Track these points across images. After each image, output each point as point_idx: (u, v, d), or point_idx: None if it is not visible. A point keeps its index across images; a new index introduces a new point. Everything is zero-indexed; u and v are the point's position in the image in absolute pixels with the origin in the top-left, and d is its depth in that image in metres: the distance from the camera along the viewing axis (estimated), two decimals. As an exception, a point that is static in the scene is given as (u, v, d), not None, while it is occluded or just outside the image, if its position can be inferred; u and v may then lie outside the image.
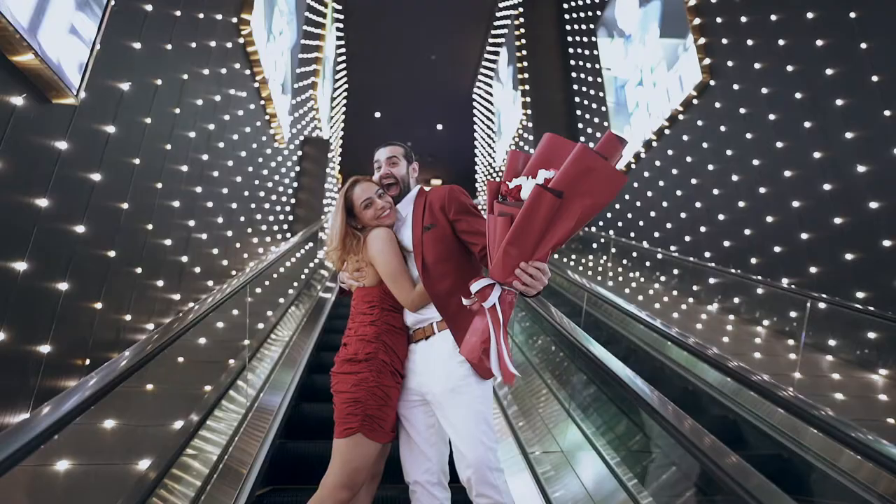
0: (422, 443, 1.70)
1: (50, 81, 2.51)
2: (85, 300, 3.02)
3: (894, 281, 3.92)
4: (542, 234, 1.27)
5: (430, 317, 1.73)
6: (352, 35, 14.55)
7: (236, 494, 2.12)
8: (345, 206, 1.84)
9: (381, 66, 15.79)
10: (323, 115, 11.80)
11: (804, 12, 4.86)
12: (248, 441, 2.55)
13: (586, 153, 1.20)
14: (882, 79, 4.06)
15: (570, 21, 11.28)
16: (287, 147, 8.36)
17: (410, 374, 1.76)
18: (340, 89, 15.54)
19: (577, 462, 2.50)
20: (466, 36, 15.37)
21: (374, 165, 1.95)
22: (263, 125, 6.92)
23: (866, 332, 4.08)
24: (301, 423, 3.10)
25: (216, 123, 5.06)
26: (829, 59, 4.56)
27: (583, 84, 10.53)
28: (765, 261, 5.28)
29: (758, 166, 5.44)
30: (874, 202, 4.10)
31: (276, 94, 7.12)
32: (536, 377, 3.59)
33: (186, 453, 2.15)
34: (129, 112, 3.38)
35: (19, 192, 2.45)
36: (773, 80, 5.26)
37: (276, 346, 4.02)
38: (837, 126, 4.45)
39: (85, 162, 2.95)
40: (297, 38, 8.78)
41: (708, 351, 2.72)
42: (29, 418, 1.30)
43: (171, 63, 4.01)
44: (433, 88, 17.15)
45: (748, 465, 1.35)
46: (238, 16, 5.60)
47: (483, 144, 17.38)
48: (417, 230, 1.77)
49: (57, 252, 2.75)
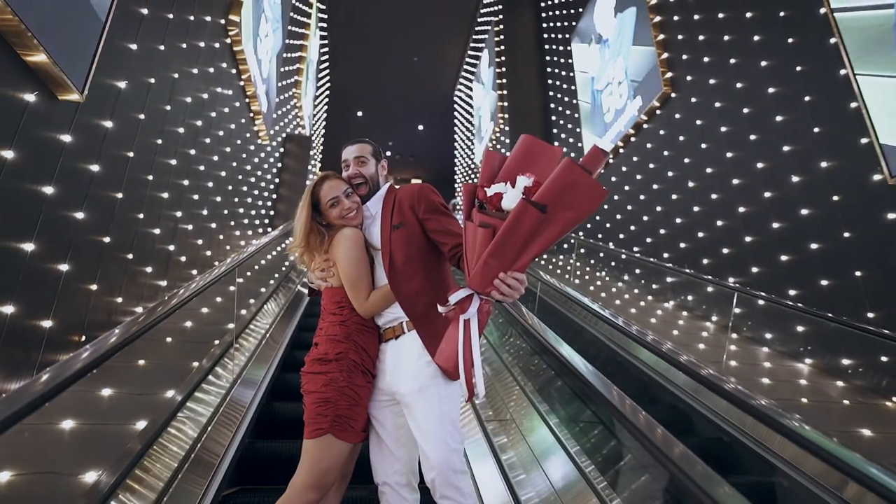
0: (391, 443, 1.69)
1: (58, 79, 2.76)
2: (82, 282, 3.26)
3: (821, 280, 4.39)
4: (524, 246, 1.26)
5: (400, 316, 1.71)
6: (336, 35, 14.76)
7: (202, 494, 2.09)
8: (311, 202, 1.81)
9: (364, 67, 16.04)
10: (305, 114, 12.01)
11: (752, 35, 5.32)
12: (216, 440, 2.49)
13: (572, 168, 1.19)
14: (812, 99, 4.53)
15: (548, 29, 11.72)
16: (270, 144, 8.58)
17: (380, 374, 1.74)
18: (323, 88, 15.72)
19: (522, 424, 2.86)
20: (449, 39, 15.72)
21: (342, 164, 1.92)
22: (248, 122, 7.15)
23: (796, 325, 4.54)
24: (272, 422, 3.11)
25: (203, 120, 5.29)
26: (771, 79, 5.03)
27: (558, 90, 10.97)
28: (714, 261, 5.74)
29: (710, 174, 5.91)
30: (804, 209, 4.57)
31: (260, 92, 7.35)
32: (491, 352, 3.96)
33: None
34: (125, 108, 3.63)
35: (29, 180, 2.70)
36: (725, 96, 5.73)
37: (252, 339, 4.03)
38: (776, 140, 4.92)
39: (86, 154, 3.19)
40: (281, 43, 9.00)
41: (632, 327, 3.11)
42: (31, 381, 1.59)
43: (164, 62, 4.26)
44: (415, 89, 17.46)
45: (658, 424, 1.71)
46: (226, 17, 5.84)
47: (463, 145, 17.75)
48: (386, 229, 1.75)
49: (59, 236, 2.99)
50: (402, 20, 14.16)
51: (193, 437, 2.38)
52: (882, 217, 3.85)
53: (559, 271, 8.17)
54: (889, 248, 3.79)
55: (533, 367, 3.53)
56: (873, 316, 3.89)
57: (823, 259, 4.38)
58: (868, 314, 3.92)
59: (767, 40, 5.12)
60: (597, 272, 7.77)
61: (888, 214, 3.81)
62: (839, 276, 4.21)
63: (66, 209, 3.04)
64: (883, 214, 3.84)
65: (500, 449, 2.81)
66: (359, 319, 1.76)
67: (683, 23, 6.58)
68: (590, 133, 9.16)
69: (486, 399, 3.32)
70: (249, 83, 6.78)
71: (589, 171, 1.21)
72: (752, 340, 4.93)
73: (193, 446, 2.31)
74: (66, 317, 3.09)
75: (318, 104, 14.99)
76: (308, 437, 1.63)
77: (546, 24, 11.84)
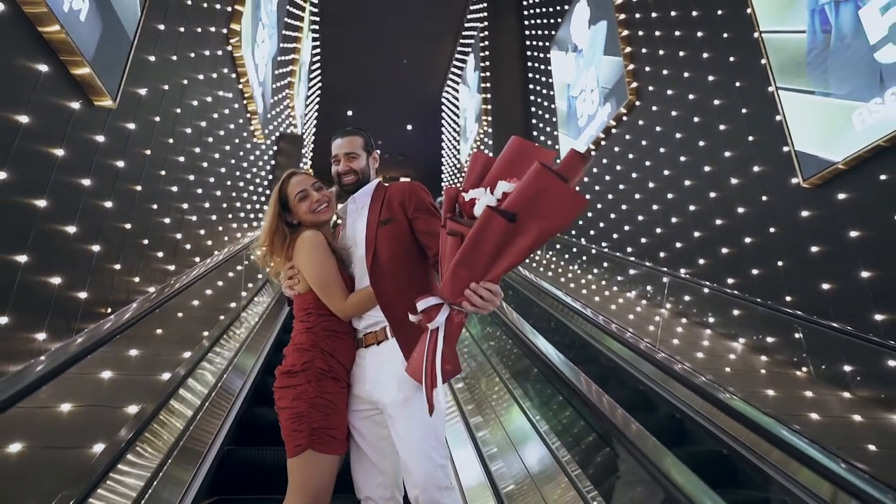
0: (374, 455, 1.62)
1: (97, 89, 3.29)
2: (109, 262, 3.79)
3: (753, 269, 5.03)
4: (494, 256, 1.19)
5: (381, 320, 1.63)
6: (327, 37, 15.26)
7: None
8: (278, 200, 1.75)
9: (355, 68, 16.55)
10: (298, 113, 12.50)
11: (702, 52, 5.96)
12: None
13: (542, 173, 1.12)
14: (748, 111, 5.17)
15: (530, 37, 12.33)
16: (264, 142, 9.09)
17: (359, 382, 1.65)
18: (314, 88, 16.20)
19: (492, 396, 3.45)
20: (437, 42, 16.28)
21: (332, 159, 1.86)
22: (245, 122, 7.66)
23: (733, 310, 5.17)
24: (253, 429, 3.09)
25: (207, 121, 5.81)
26: (717, 92, 5.67)
27: (538, 95, 11.59)
28: (669, 255, 6.38)
29: (667, 176, 6.54)
30: (741, 208, 5.21)
31: (256, 94, 7.86)
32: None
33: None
34: (144, 112, 4.16)
35: (73, 175, 3.22)
36: (679, 105, 6.37)
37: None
38: (720, 146, 5.56)
39: (114, 152, 3.72)
40: (276, 47, 9.51)
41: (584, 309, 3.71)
42: (69, 342, 2.13)
43: (175, 70, 4.78)
44: (404, 90, 18.00)
45: (607, 396, 2.30)
46: (228, 26, 6.36)
47: (450, 145, 18.33)
48: (373, 224, 1.67)
49: (93, 222, 3.52)
50: (391, 23, 14.71)
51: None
52: (797, 215, 4.49)
53: (534, 264, 8.78)
54: (803, 241, 4.43)
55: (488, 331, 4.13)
56: (790, 300, 4.53)
57: (755, 251, 5.02)
58: (786, 297, 4.57)
59: (714, 57, 5.76)
60: (570, 266, 8.39)
61: (802, 213, 4.46)
62: (766, 266, 4.85)
63: (99, 199, 3.56)
64: (798, 213, 4.49)
65: (475, 428, 3.39)
66: (326, 325, 1.68)
67: (647, 38, 7.21)
68: (566, 136, 9.78)
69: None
70: (247, 86, 7.30)
71: (564, 177, 1.13)
72: (700, 324, 5.56)
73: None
74: (97, 291, 3.61)
75: (309, 104, 15.48)
76: (290, 455, 1.57)
77: (528, 31, 12.45)
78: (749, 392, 3.78)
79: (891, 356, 3.58)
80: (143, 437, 2.27)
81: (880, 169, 3.85)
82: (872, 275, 3.84)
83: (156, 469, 2.25)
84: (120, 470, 2.14)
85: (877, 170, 3.87)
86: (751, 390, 3.89)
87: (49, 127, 2.94)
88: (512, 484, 2.62)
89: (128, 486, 2.06)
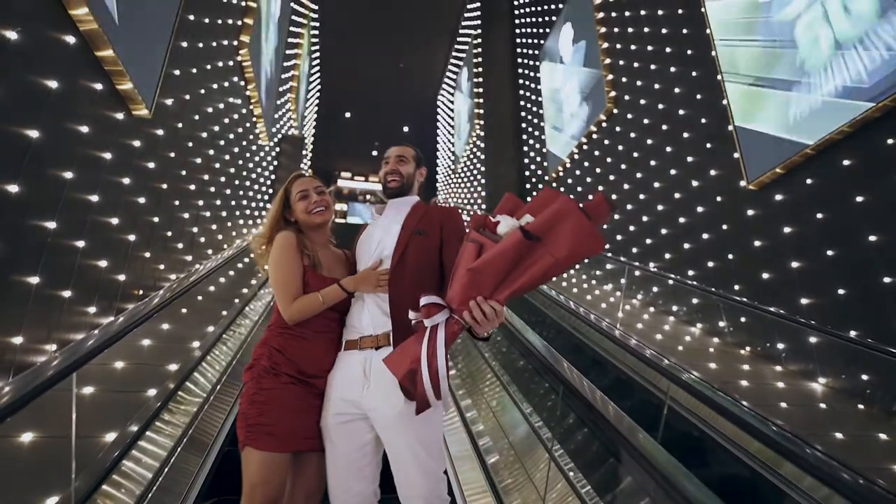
0: (355, 462, 1.55)
1: (136, 100, 3.87)
2: (140, 251, 4.36)
3: (708, 262, 5.64)
4: (506, 273, 1.21)
5: (386, 326, 1.60)
6: (327, 42, 15.83)
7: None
8: (283, 197, 1.80)
9: (353, 71, 17.14)
10: (298, 115, 13.08)
11: (670, 66, 6.58)
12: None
13: (568, 201, 1.17)
14: (706, 122, 5.79)
15: (521, 45, 12.95)
16: (268, 144, 9.66)
17: (347, 385, 1.59)
18: (314, 91, 16.76)
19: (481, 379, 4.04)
20: (432, 47, 16.90)
21: (382, 161, 1.89)
22: (251, 126, 8.24)
23: (692, 299, 5.79)
24: None
25: (219, 126, 6.39)
26: (683, 103, 6.28)
27: (528, 101, 12.21)
28: (641, 250, 6.99)
29: (640, 178, 7.16)
30: (700, 207, 5.83)
31: (262, 99, 8.44)
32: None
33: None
34: (170, 119, 4.74)
35: (116, 175, 3.80)
36: (650, 114, 6.98)
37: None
38: (684, 152, 6.17)
39: (146, 155, 4.30)
40: (281, 53, 10.09)
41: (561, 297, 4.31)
42: (112, 321, 2.71)
43: (195, 82, 5.36)
44: (401, 94, 18.60)
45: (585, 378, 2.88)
46: (238, 39, 6.93)
47: (444, 147, 18.92)
48: (407, 230, 1.68)
49: (128, 214, 4.09)
50: (388, 29, 15.30)
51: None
52: (744, 213, 5.11)
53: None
54: (747, 236, 5.04)
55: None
56: (738, 288, 5.15)
57: (710, 246, 5.64)
58: (735, 286, 5.18)
59: (679, 72, 6.38)
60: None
61: (748, 211, 5.07)
62: (719, 259, 5.47)
63: (135, 195, 4.14)
64: (745, 211, 5.10)
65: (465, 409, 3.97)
66: (281, 323, 1.67)
67: (623, 50, 7.83)
68: (552, 141, 10.40)
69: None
70: (254, 92, 7.87)
71: (589, 214, 1.16)
72: (664, 312, 6.18)
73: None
74: (132, 275, 4.19)
75: (308, 106, 16.04)
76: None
77: (520, 39, 13.07)
78: (692, 363, 4.39)
79: (813, 334, 4.20)
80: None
81: (809, 173, 4.46)
82: (800, 265, 4.45)
83: (197, 410, 2.85)
84: (170, 409, 2.74)
85: (807, 173, 4.49)
86: (694, 362, 4.50)
87: (99, 134, 3.51)
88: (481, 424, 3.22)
89: (183, 413, 2.66)
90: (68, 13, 2.98)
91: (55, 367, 1.59)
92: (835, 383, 3.99)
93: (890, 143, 3.77)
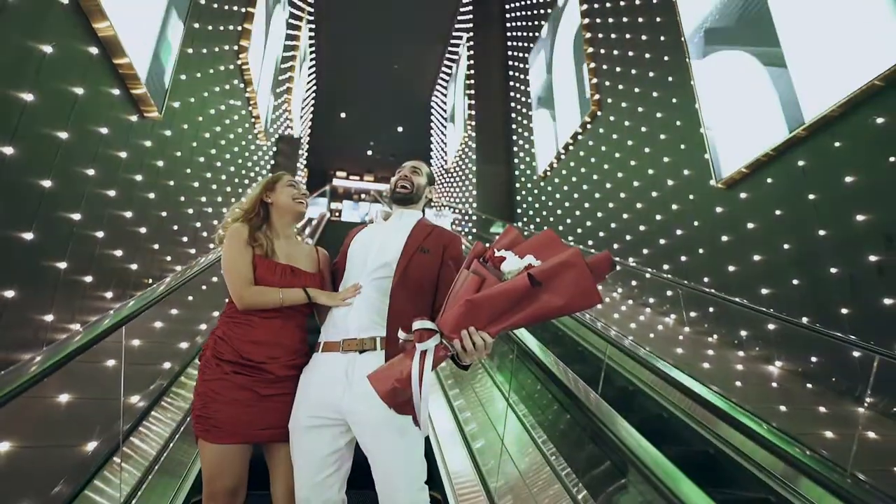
0: (324, 468, 1.52)
1: (148, 104, 4.20)
2: (150, 242, 4.69)
3: (681, 257, 6.03)
4: (503, 312, 1.26)
5: (375, 330, 1.59)
6: (322, 43, 16.15)
7: (169, 502, 2.15)
8: (269, 182, 1.86)
9: (348, 72, 17.46)
10: (294, 116, 13.39)
11: (648, 71, 6.96)
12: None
13: (578, 254, 1.23)
14: (681, 124, 6.18)
15: (512, 48, 13.33)
16: (266, 143, 9.98)
17: (327, 387, 1.55)
18: (310, 91, 17.08)
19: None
20: (426, 49, 17.25)
21: (396, 171, 1.94)
22: (250, 126, 8.56)
23: (666, 291, 6.17)
24: None
25: (221, 126, 6.71)
26: (660, 107, 6.67)
27: (518, 102, 12.58)
28: (622, 246, 7.37)
29: (620, 178, 7.54)
30: (674, 205, 6.21)
31: (261, 100, 8.76)
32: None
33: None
34: (177, 121, 5.06)
35: (130, 172, 4.13)
36: (631, 117, 7.37)
37: None
38: (660, 152, 6.56)
39: (156, 155, 4.63)
40: (278, 55, 10.41)
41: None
42: (120, 306, 3.05)
43: (199, 86, 5.69)
44: (395, 94, 18.95)
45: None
46: (238, 43, 7.26)
47: (438, 147, 19.28)
48: (413, 245, 1.70)
49: (142, 209, 4.42)
50: (383, 30, 15.64)
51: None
52: (714, 210, 5.50)
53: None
54: (716, 232, 5.43)
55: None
56: (708, 280, 5.53)
57: (683, 242, 6.02)
58: (705, 279, 5.56)
59: (657, 77, 6.77)
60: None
61: (717, 208, 5.46)
62: (691, 255, 5.85)
63: (145, 192, 4.47)
64: (714, 208, 5.49)
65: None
66: (228, 311, 1.69)
67: (607, 55, 8.22)
68: (540, 142, 10.77)
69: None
70: (253, 93, 8.20)
71: (592, 269, 1.22)
72: (640, 304, 6.56)
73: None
74: (143, 265, 4.52)
75: (305, 107, 16.36)
76: None
77: (511, 42, 13.45)
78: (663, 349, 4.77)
79: (772, 322, 4.58)
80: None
81: (770, 172, 4.85)
82: (761, 258, 4.84)
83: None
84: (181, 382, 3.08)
85: (769, 173, 4.87)
86: (665, 348, 4.88)
87: (116, 136, 3.84)
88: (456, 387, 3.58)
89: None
90: (92, 26, 3.31)
91: (110, 319, 1.94)
92: (789, 366, 4.38)
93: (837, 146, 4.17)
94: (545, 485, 2.34)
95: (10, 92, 2.66)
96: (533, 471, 2.48)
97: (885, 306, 3.69)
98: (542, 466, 2.47)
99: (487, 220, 11.72)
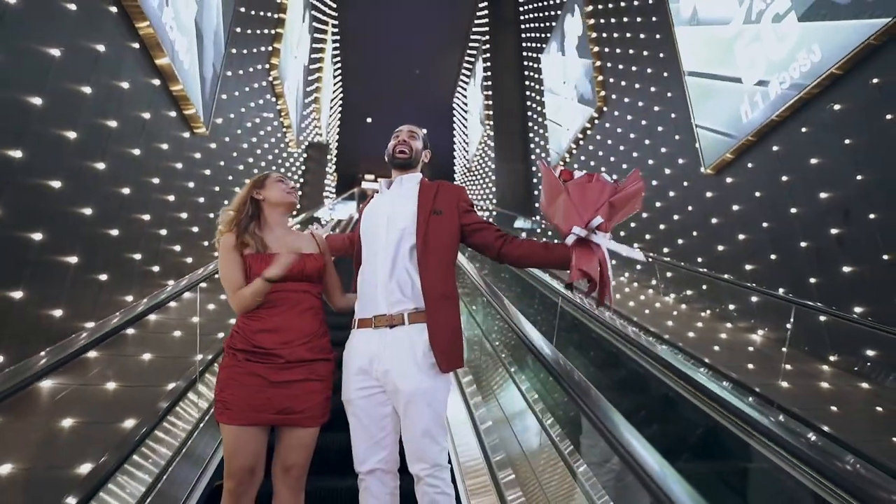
0: (377, 432, 1.67)
1: (197, 121, 4.96)
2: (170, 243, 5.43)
3: (678, 240, 6.46)
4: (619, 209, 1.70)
5: (405, 309, 1.67)
6: (347, 52, 17.00)
7: (191, 487, 2.24)
8: (257, 181, 1.92)
9: (372, 79, 18.29)
10: (323, 123, 14.24)
11: (647, 68, 7.40)
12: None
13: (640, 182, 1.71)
14: (676, 117, 6.61)
15: (527, 49, 13.82)
16: (296, 150, 10.81)
17: (365, 358, 1.68)
18: (337, 99, 17.97)
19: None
20: (445, 53, 17.90)
21: (392, 135, 1.96)
22: (282, 136, 9.38)
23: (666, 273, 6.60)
24: None
25: (256, 137, 7.51)
26: (657, 100, 7.10)
27: (533, 101, 13.07)
28: (627, 233, 7.82)
29: (624, 169, 7.98)
30: (671, 192, 6.64)
31: (292, 110, 9.57)
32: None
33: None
34: (221, 134, 5.85)
35: (184, 180, 4.90)
36: (633, 111, 7.81)
37: None
38: (658, 143, 6.99)
39: (204, 165, 5.40)
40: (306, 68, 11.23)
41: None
42: (134, 304, 3.76)
43: (239, 102, 6.47)
44: (418, 98, 19.67)
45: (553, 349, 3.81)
46: (269, 62, 8.06)
47: (461, 146, 19.89)
48: (424, 211, 1.76)
49: (193, 210, 5.19)
50: (403, 39, 16.37)
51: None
52: (704, 195, 5.92)
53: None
54: (707, 216, 5.85)
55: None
56: (701, 260, 5.96)
57: (680, 226, 6.45)
58: (698, 259, 6.00)
59: (654, 73, 7.20)
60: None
61: (706, 193, 5.88)
62: (686, 237, 6.28)
63: (196, 196, 5.25)
64: (704, 193, 5.92)
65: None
66: None
67: (611, 54, 8.66)
68: (553, 138, 11.25)
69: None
70: (283, 105, 9.00)
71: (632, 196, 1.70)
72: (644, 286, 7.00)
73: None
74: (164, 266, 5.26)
75: (332, 113, 17.24)
76: None
77: (525, 43, 13.94)
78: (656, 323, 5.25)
79: (756, 295, 5.00)
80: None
81: (751, 158, 5.27)
82: (745, 237, 5.26)
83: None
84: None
85: (750, 158, 5.29)
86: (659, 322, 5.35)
87: (174, 150, 4.61)
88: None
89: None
90: (154, 63, 4.08)
91: (170, 289, 2.61)
92: (769, 334, 4.80)
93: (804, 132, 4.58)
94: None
95: (98, 120, 3.42)
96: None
97: (845, 273, 4.11)
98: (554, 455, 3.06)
99: (510, 217, 12.25)
